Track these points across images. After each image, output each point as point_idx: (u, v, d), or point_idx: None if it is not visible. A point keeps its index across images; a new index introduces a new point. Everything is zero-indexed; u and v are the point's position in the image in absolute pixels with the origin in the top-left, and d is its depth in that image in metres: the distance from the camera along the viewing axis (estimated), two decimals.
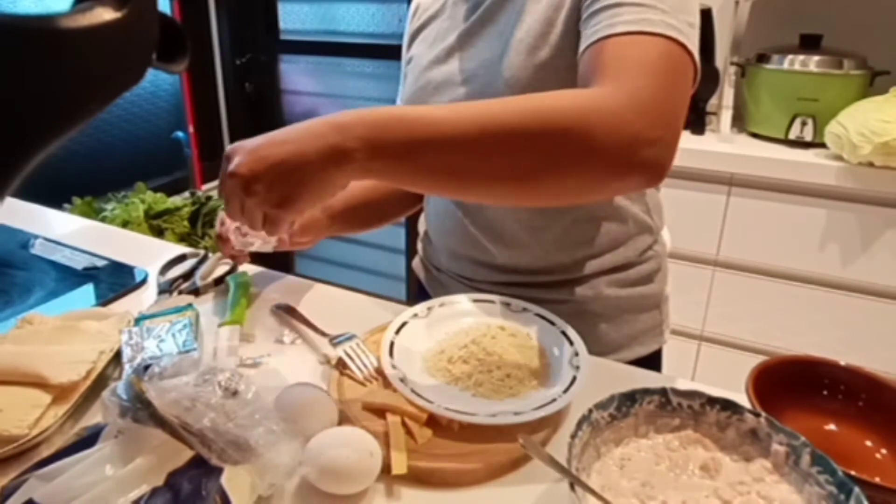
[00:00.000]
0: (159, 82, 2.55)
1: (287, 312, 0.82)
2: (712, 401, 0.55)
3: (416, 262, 1.01)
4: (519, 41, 0.71)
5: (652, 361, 0.88)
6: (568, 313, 0.76)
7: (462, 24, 0.80)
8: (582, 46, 0.63)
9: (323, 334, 0.76)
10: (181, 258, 0.98)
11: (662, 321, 0.89)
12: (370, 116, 0.54)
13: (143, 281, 0.92)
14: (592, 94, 0.56)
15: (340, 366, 0.69)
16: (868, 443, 0.61)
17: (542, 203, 0.76)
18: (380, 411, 0.62)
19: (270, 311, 0.85)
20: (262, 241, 0.77)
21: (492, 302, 0.78)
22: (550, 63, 0.70)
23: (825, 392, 0.64)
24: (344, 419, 0.61)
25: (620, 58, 0.59)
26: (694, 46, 0.61)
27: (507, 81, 0.71)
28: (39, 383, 0.62)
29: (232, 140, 2.86)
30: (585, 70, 0.62)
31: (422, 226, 0.99)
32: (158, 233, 2.08)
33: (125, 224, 2.00)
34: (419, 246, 1.00)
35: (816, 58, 1.60)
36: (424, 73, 0.82)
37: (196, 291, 0.88)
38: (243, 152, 0.54)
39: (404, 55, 0.92)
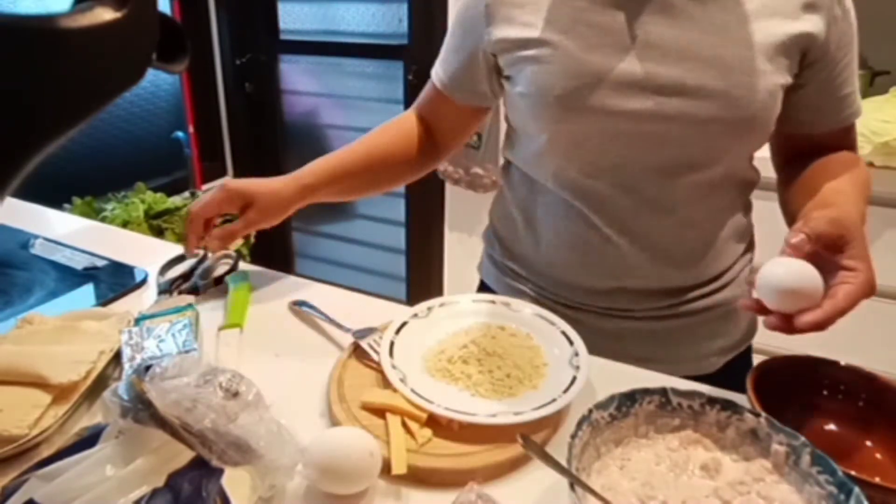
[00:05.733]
0: (159, 82, 2.55)
1: (304, 309, 0.84)
2: (712, 401, 0.55)
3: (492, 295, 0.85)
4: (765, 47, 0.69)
5: (749, 347, 0.91)
6: (716, 317, 0.80)
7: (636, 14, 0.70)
8: (837, 123, 0.78)
9: (343, 329, 0.77)
10: (181, 258, 0.98)
11: None
12: None
13: (143, 281, 0.92)
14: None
15: (358, 354, 0.72)
16: (868, 443, 0.61)
17: None
18: (380, 411, 0.62)
19: (288, 307, 0.85)
20: None
21: (492, 302, 0.78)
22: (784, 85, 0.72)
23: (825, 392, 0.64)
24: (344, 419, 0.61)
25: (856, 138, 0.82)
26: None
27: (766, 102, 0.70)
28: (39, 383, 0.62)
29: (232, 140, 2.87)
30: (837, 141, 0.79)
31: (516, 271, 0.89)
32: (158, 233, 2.08)
33: (125, 224, 2.00)
34: (525, 290, 0.88)
35: None
36: (583, 66, 0.71)
37: (196, 291, 0.88)
38: None
39: (474, 31, 0.80)
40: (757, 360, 0.63)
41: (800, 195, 0.73)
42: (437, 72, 0.88)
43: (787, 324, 0.57)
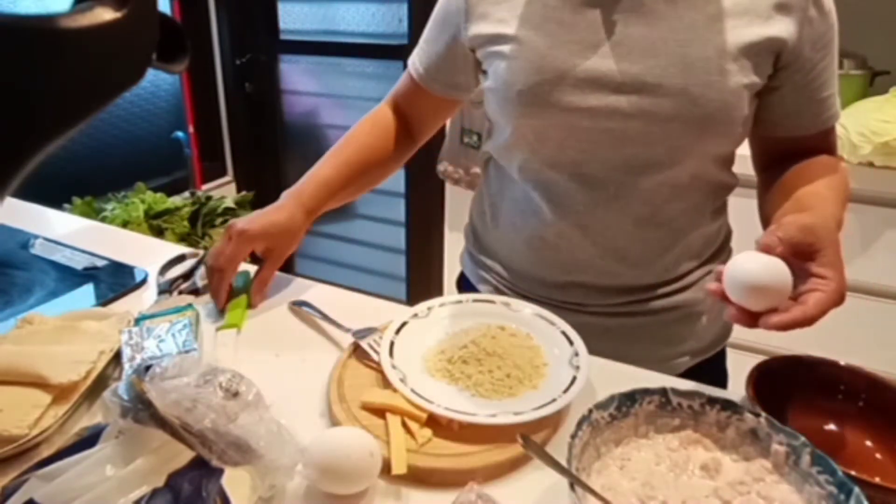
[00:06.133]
0: (159, 82, 2.55)
1: (304, 309, 0.84)
2: (712, 401, 0.55)
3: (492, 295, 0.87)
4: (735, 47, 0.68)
5: (721, 351, 0.91)
6: (677, 319, 0.79)
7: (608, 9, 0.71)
8: (815, 126, 0.76)
9: (343, 329, 0.77)
10: (181, 258, 0.98)
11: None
12: None
13: (143, 281, 0.92)
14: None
15: (358, 354, 0.72)
16: (868, 443, 0.61)
17: None
18: (380, 411, 0.62)
19: (288, 307, 0.85)
20: None
21: (492, 302, 0.78)
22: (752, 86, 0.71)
23: (825, 392, 0.64)
24: (344, 419, 0.61)
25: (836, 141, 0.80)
26: None
27: (728, 102, 0.69)
28: (39, 383, 0.62)
29: (232, 140, 2.87)
30: (816, 144, 0.77)
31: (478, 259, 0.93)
32: (158, 233, 2.08)
33: (125, 224, 2.00)
34: (489, 279, 0.91)
35: None
36: (546, 62, 0.72)
37: (196, 291, 0.88)
38: None
39: (452, 25, 0.82)
40: (755, 359, 0.63)
41: (776, 199, 0.73)
42: (414, 62, 0.90)
43: (750, 319, 0.57)
